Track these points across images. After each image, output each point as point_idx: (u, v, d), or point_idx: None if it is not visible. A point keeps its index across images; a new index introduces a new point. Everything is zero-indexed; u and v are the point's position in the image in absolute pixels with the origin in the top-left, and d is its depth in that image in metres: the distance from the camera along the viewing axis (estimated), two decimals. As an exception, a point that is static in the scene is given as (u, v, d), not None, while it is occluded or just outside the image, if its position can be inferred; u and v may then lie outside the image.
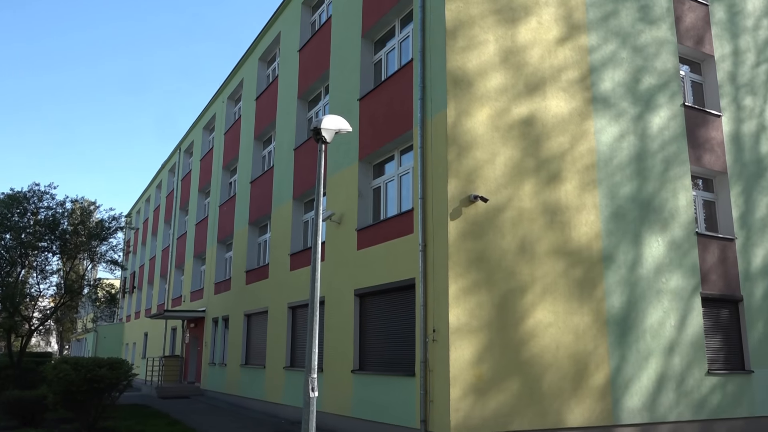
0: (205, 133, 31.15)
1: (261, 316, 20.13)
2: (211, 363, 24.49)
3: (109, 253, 23.62)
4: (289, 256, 18.06)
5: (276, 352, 18.27)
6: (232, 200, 24.44)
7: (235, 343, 21.87)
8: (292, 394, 16.81)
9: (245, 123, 24.01)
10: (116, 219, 23.22)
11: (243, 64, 25.31)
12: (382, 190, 14.41)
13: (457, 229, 11.18)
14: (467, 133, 11.66)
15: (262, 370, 19.18)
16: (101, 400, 14.41)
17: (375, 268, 13.38)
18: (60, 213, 21.91)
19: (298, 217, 18.48)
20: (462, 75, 11.85)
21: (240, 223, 23.03)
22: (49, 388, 14.39)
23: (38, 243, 21.38)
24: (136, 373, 15.94)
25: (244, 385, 20.65)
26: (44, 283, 22.70)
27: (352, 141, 15.02)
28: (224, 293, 23.95)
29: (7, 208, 20.61)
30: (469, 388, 10.68)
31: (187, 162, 34.56)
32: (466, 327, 10.89)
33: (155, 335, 35.06)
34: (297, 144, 18.78)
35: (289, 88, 19.92)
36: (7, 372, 20.24)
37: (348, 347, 14.08)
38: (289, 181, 18.83)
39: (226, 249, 25.60)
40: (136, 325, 41.65)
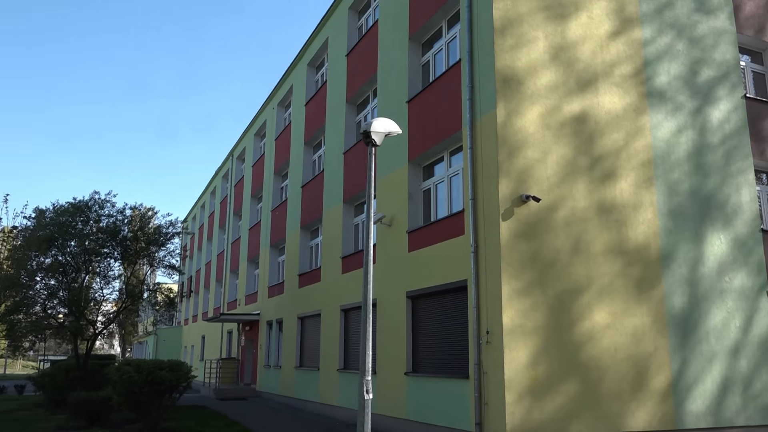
0: (257, 139, 31.72)
1: (314, 319, 20.33)
2: (267, 365, 24.89)
3: (167, 258, 24.25)
4: (341, 259, 18.19)
5: (329, 354, 18.42)
6: (284, 205, 24.79)
7: (289, 345, 22.16)
8: (347, 396, 16.90)
9: (295, 128, 24.34)
10: (173, 225, 23.83)
11: (292, 70, 25.67)
12: (432, 191, 14.36)
13: (509, 230, 11.03)
14: (518, 133, 11.51)
15: (316, 372, 19.36)
16: (162, 401, 14.82)
17: (426, 270, 13.34)
18: (120, 220, 22.65)
19: (348, 220, 18.60)
20: (511, 74, 11.70)
21: (292, 227, 23.34)
22: (114, 390, 14.89)
23: (101, 249, 22.14)
24: (194, 375, 16.34)
25: (298, 387, 20.90)
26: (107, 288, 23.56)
27: (401, 143, 15.02)
28: (278, 296, 24.30)
29: (72, 217, 21.43)
30: (524, 391, 10.52)
31: (239, 168, 35.26)
32: (521, 329, 10.73)
33: (212, 338, 35.87)
34: (346, 148, 18.91)
35: (337, 92, 20.09)
36: (74, 374, 21.03)
37: (401, 349, 14.07)
38: (339, 184, 18.97)
39: (278, 253, 25.98)
40: (194, 328, 42.72)
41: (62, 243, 21.14)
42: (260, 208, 29.58)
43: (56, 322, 22.48)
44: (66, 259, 21.76)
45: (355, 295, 16.82)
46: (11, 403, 23.82)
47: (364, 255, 8.64)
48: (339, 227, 18.69)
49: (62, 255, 21.66)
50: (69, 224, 21.25)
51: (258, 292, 27.50)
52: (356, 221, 18.48)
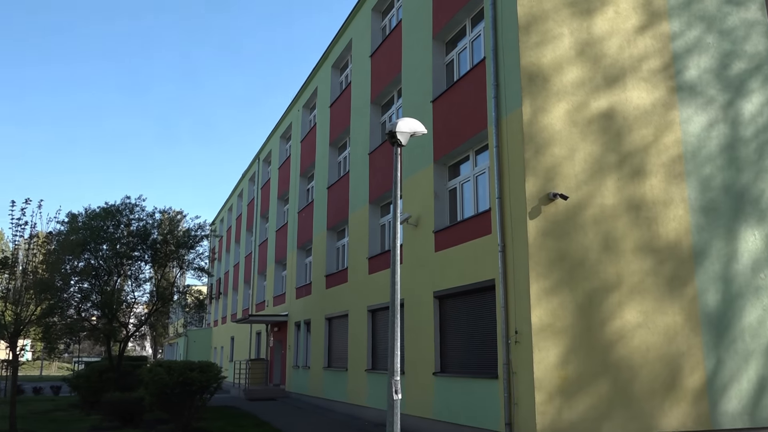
0: (282, 141, 31.94)
1: (342, 320, 20.40)
2: (295, 366, 25.04)
3: (196, 261, 24.57)
4: (368, 260, 18.22)
5: (357, 354, 18.46)
6: (310, 206, 24.92)
7: (318, 346, 22.26)
8: (375, 397, 16.92)
9: (320, 130, 24.45)
10: (202, 228, 24.13)
11: (316, 72, 25.79)
12: (458, 191, 14.30)
13: (537, 228, 10.94)
14: (544, 130, 11.40)
15: (344, 372, 19.42)
16: (193, 402, 15.01)
17: (453, 269, 13.29)
18: (150, 224, 23.02)
19: (374, 220, 18.62)
20: (537, 71, 11.59)
21: (318, 229, 23.45)
22: (146, 390, 15.13)
23: (132, 253, 22.53)
24: (224, 376, 16.51)
25: (327, 388, 20.98)
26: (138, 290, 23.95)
27: (426, 143, 14.99)
28: (305, 297, 24.44)
29: (104, 221, 21.85)
30: (555, 391, 10.41)
31: (266, 171, 35.55)
32: (550, 328, 10.63)
33: (241, 339, 36.22)
34: (371, 148, 18.93)
35: (362, 93, 20.13)
36: (108, 375, 21.42)
37: (429, 349, 14.04)
38: (365, 185, 19.00)
39: (305, 254, 26.12)
40: (223, 329, 43.18)
41: (95, 247, 21.57)
42: (287, 210, 29.78)
43: (90, 324, 22.93)
44: (98, 262, 22.18)
45: (382, 296, 16.84)
46: (48, 404, 24.35)
47: (391, 255, 8.64)
48: (365, 228, 18.72)
49: (95, 259, 22.09)
50: (101, 228, 21.67)
51: (286, 293, 27.68)
52: (382, 222, 18.50)
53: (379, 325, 17.52)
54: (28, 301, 16.84)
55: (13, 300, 16.77)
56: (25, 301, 16.71)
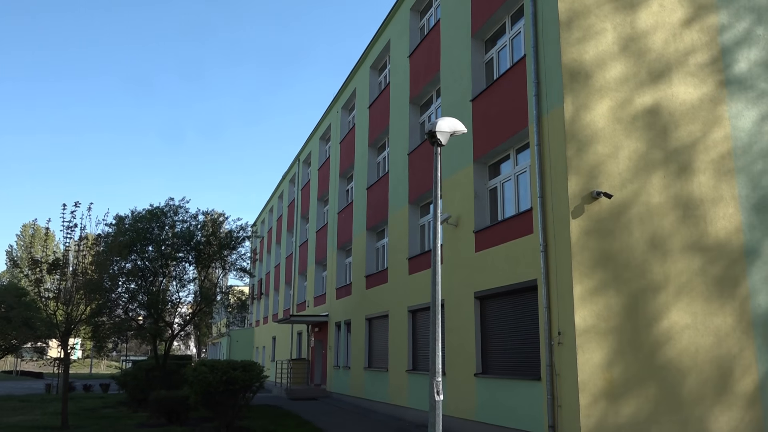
0: (322, 143, 32.19)
1: (382, 320, 20.44)
2: (336, 366, 25.19)
3: (238, 262, 24.96)
4: (408, 260, 18.21)
5: (398, 355, 18.47)
6: (350, 207, 25.05)
7: (358, 346, 22.35)
8: (416, 397, 16.90)
9: (359, 131, 24.56)
10: (243, 229, 24.50)
11: (355, 73, 25.91)
12: (499, 190, 14.19)
13: (580, 228, 10.77)
14: (587, 128, 11.22)
15: (385, 373, 19.45)
16: (236, 401, 15.24)
17: (494, 269, 13.18)
18: (194, 225, 23.50)
19: (414, 220, 18.60)
20: (579, 67, 11.41)
21: (358, 229, 23.55)
22: (191, 389, 15.43)
23: (176, 254, 23.02)
24: (266, 375, 16.72)
25: (368, 388, 21.05)
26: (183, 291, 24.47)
27: (466, 142, 14.90)
28: (345, 298, 24.57)
29: (149, 223, 22.40)
30: (600, 393, 10.22)
31: (305, 172, 35.88)
32: (594, 329, 10.45)
33: (282, 339, 36.63)
34: (411, 148, 18.92)
35: (400, 93, 20.14)
36: (154, 373, 21.94)
37: (470, 350, 13.96)
38: (404, 185, 19.00)
39: (345, 255, 26.26)
40: (265, 329, 43.75)
41: (141, 248, 22.12)
42: (327, 210, 29.99)
43: (136, 323, 23.52)
44: (144, 263, 22.74)
45: (423, 296, 16.80)
46: (97, 401, 25.08)
47: (432, 255, 8.61)
48: (405, 228, 18.72)
49: (141, 260, 22.65)
50: (146, 230, 22.22)
51: (326, 293, 27.88)
52: (422, 222, 18.46)
53: (420, 326, 17.49)
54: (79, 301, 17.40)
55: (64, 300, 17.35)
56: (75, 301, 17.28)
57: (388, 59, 23.01)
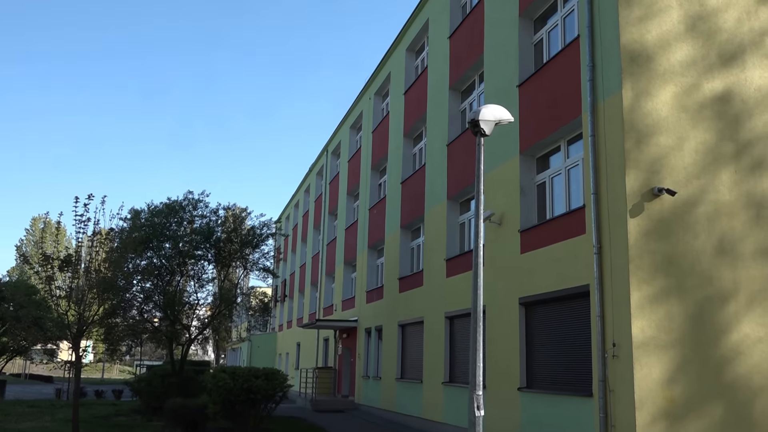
0: (352, 132, 32.32)
1: (416, 327, 20.47)
2: (365, 376, 25.32)
3: (261, 261, 25.27)
4: (445, 262, 18.20)
5: (433, 365, 18.48)
6: (383, 202, 25.11)
7: (390, 355, 22.43)
8: (453, 412, 16.89)
9: (394, 119, 24.59)
10: (267, 225, 24.82)
11: (389, 57, 25.94)
12: (548, 185, 14.10)
13: (639, 228, 10.65)
14: (648, 117, 11.08)
15: (419, 384, 19.48)
16: (258, 411, 15.51)
17: (542, 273, 13.11)
18: (214, 221, 23.89)
19: (453, 218, 18.57)
20: (639, 49, 11.27)
21: (391, 227, 23.61)
22: (209, 397, 15.75)
23: (195, 251, 23.41)
24: (291, 385, 16.92)
25: (400, 401, 21.11)
26: (201, 291, 24.89)
27: (512, 132, 14.82)
28: (377, 302, 24.67)
29: (166, 218, 22.81)
30: (659, 413, 10.10)
31: (334, 164, 36.09)
32: (654, 341, 10.33)
33: (308, 345, 36.95)
34: (450, 139, 18.89)
35: (439, 78, 20.11)
36: (170, 380, 22.38)
37: (513, 362, 13.91)
38: (443, 179, 18.98)
39: (377, 255, 26.35)
40: (289, 334, 44.18)
41: (157, 245, 22.56)
42: (357, 206, 30.12)
43: (152, 326, 24.01)
44: (161, 261, 23.19)
45: (462, 301, 16.78)
46: (109, 408, 25.68)
47: (473, 257, 8.60)
48: (443, 226, 18.70)
49: (157, 257, 23.11)
50: (163, 225, 22.64)
51: (355, 297, 28.03)
52: (462, 219, 18.43)
53: (458, 334, 17.47)
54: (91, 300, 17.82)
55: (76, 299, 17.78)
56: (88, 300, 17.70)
57: (425, 41, 22.97)
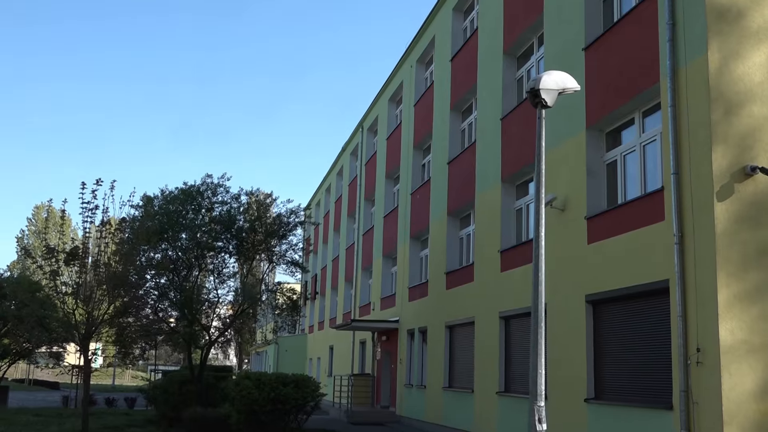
0: (391, 106, 32.29)
1: (466, 328, 20.47)
2: (408, 384, 25.43)
3: (288, 253, 25.45)
4: (499, 254, 18.14)
5: (486, 372, 18.48)
6: (426, 186, 25.08)
7: (436, 360, 22.48)
8: (509, 426, 16.90)
9: (439, 90, 24.49)
10: (295, 213, 24.96)
11: (434, 18, 25.83)
12: (619, 164, 14.02)
13: (729, 214, 10.59)
14: (738, 83, 10.98)
15: (469, 394, 19.51)
16: (287, 423, 15.71)
17: (612, 267, 13.05)
18: (235, 208, 24.14)
19: (508, 203, 18.49)
20: (727, 4, 11.15)
21: (437, 214, 23.58)
22: (232, 407, 16.02)
23: (214, 243, 23.70)
24: (324, 393, 17.08)
25: (447, 413, 21.16)
26: (222, 287, 25.11)
27: (577, 103, 14.67)
28: (420, 300, 24.71)
29: (182, 205, 23.07)
30: (752, 428, 10.05)
31: (371, 142, 36.14)
32: (745, 345, 10.28)
33: (342, 349, 37.24)
34: (505, 112, 18.77)
35: (491, 41, 19.96)
36: (189, 387, 22.79)
37: (579, 369, 13.86)
38: (496, 159, 18.88)
39: (420, 246, 26.37)
40: (320, 337, 44.60)
41: (172, 235, 22.89)
42: (397, 190, 30.15)
43: (168, 326, 24.43)
44: (177, 254, 23.55)
45: (519, 299, 16.72)
46: (121, 418, 26.28)
47: (534, 248, 8.57)
48: (497, 213, 18.62)
49: (173, 249, 23.48)
50: (179, 214, 22.94)
51: (396, 294, 28.12)
52: (518, 205, 18.33)
53: (515, 337, 17.44)
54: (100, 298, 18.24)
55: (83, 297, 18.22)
56: (96, 297, 18.12)
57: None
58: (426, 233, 25.32)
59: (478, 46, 21.05)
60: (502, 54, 19.21)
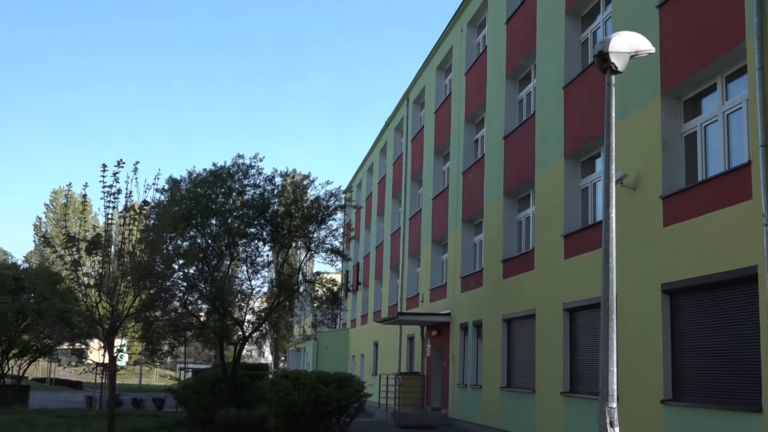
0: (440, 75, 32.14)
1: (526, 322, 20.42)
2: (461, 384, 25.46)
3: (328, 240, 25.58)
4: (563, 238, 18.03)
5: (549, 370, 18.43)
6: (480, 164, 24.97)
7: (493, 357, 22.46)
8: (575, 430, 16.83)
9: (493, 56, 24.30)
10: (335, 196, 25.06)
11: (487, -26, 25.59)
12: (699, 136, 13.86)
13: (826, 190, 10.28)
14: (838, 40, 10.61)
15: (530, 395, 19.47)
16: (329, 426, 15.86)
17: (692, 252, 12.93)
18: (269, 191, 24.32)
19: (572, 182, 18.34)
20: (826, -50, 10.76)
21: (492, 194, 23.48)
22: (269, 409, 16.23)
23: (247, 229, 23.92)
24: (369, 394, 17.17)
25: (506, 416, 21.16)
26: (255, 278, 25.35)
27: (650, 67, 14.47)
28: (474, 290, 24.67)
29: (212, 188, 23.30)
30: None
31: (417, 116, 36.03)
32: None
33: (388, 346, 37.41)
34: (568, 79, 18.57)
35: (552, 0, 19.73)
36: (221, 387, 23.15)
37: (654, 366, 13.77)
38: (559, 132, 18.72)
39: (474, 230, 26.29)
40: (364, 332, 44.86)
41: (201, 221, 23.17)
42: (447, 169, 30.07)
43: (197, 321, 24.81)
44: (206, 241, 23.85)
45: (585, 289, 16.61)
46: (149, 420, 26.84)
47: (603, 231, 8.50)
48: (559, 193, 18.49)
49: (202, 236, 23.79)
50: (208, 197, 23.19)
51: (447, 284, 28.11)
52: (584, 183, 18.18)
53: (581, 331, 17.37)
54: (125, 290, 18.54)
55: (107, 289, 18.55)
56: (121, 290, 18.42)
57: (533, -48, 22.52)
58: (480, 216, 25.23)
59: (537, 6, 20.83)
60: (564, 14, 19.03)
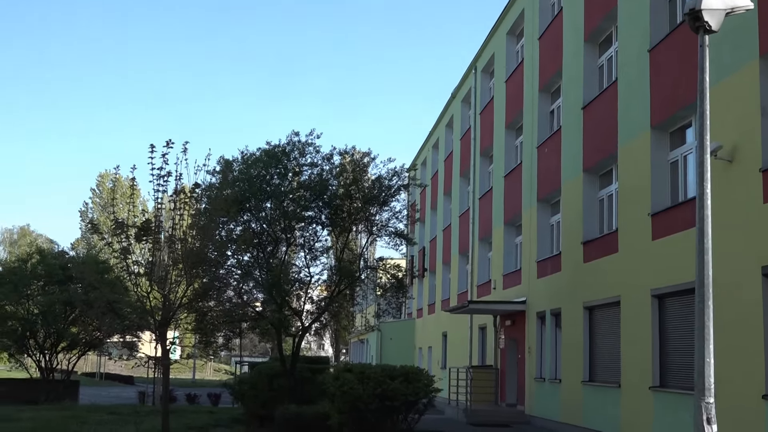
0: (510, 40, 31.85)
1: (610, 310, 20.25)
2: (539, 378, 25.37)
3: (391, 223, 25.60)
4: (650, 217, 17.80)
5: (636, 363, 18.27)
6: (556, 137, 24.73)
7: (573, 349, 22.32)
8: (667, 428, 16.70)
9: (569, 18, 24.00)
10: (398, 174, 25.02)
11: (561, -72, 25.24)
12: (805, 102, 13.42)
13: None
14: None
15: (615, 390, 19.33)
16: (396, 423, 15.94)
17: (797, 230, 12.56)
18: (327, 170, 24.41)
19: (660, 155, 18.07)
20: None
21: (570, 171, 23.25)
22: (332, 405, 16.38)
23: (304, 212, 24.09)
24: (439, 388, 17.19)
25: (588, 413, 21.04)
26: (314, 265, 25.52)
27: (746, 26, 14.17)
28: (552, 276, 24.52)
29: (266, 169, 23.47)
30: None
31: (486, 86, 35.81)
32: None
33: (457, 337, 37.44)
34: (654, 42, 18.28)
35: (636, -45, 19.41)
36: (280, 381, 23.45)
37: (755, 357, 13.60)
38: (644, 100, 18.44)
39: (551, 210, 26.09)
40: (431, 322, 44.94)
41: (256, 205, 23.41)
42: (520, 143, 29.85)
43: (253, 311, 25.11)
44: (261, 226, 24.10)
45: (676, 273, 16.39)
46: (205, 417, 27.37)
47: (698, 208, 8.35)
48: (646, 167, 18.24)
49: (256, 221, 24.04)
50: (262, 179, 23.39)
51: (522, 269, 27.98)
52: (673, 157, 17.92)
53: (672, 319, 17.18)
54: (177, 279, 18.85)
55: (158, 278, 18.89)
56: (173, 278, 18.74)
57: None
58: (557, 195, 25.01)
59: (619, -38, 20.50)
60: (649, -31, 18.68)
